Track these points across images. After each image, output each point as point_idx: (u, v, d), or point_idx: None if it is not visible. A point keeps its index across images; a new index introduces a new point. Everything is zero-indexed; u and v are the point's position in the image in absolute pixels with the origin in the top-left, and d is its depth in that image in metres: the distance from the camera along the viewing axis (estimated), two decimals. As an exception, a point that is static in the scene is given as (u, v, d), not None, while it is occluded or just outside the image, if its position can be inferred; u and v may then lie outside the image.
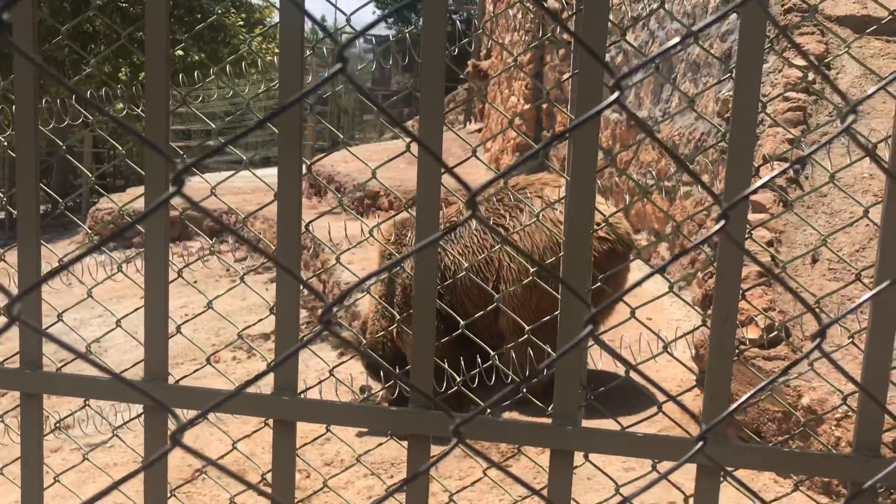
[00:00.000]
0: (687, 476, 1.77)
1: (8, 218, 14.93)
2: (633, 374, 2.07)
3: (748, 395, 0.89)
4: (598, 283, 2.08)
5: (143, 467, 0.86)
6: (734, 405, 0.79)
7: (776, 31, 3.07)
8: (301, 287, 1.91)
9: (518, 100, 8.99)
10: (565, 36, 8.06)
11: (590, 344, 1.86)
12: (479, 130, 11.23)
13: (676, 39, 0.68)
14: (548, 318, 2.12)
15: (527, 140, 5.43)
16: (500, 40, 10.00)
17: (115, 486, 0.85)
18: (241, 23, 14.45)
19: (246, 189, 10.82)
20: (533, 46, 8.36)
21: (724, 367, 1.72)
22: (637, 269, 5.94)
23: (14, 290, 1.89)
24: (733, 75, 1.71)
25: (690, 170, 0.71)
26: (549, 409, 1.82)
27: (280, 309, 1.90)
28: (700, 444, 0.71)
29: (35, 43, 1.91)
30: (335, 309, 0.66)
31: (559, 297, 1.87)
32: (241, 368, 6.44)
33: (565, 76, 7.98)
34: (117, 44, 2.08)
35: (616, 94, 0.68)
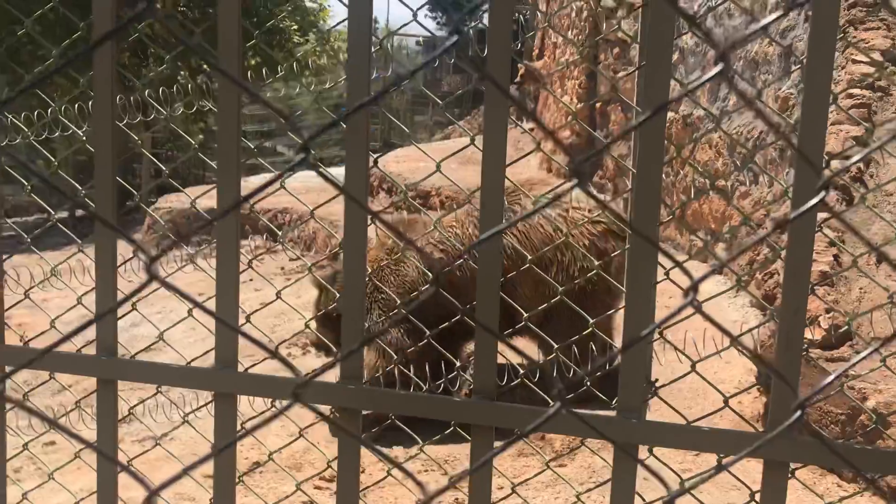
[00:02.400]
0: (750, 478, 1.76)
1: (71, 217, 15.37)
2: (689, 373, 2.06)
3: (825, 381, 0.89)
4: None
5: (214, 453, 0.90)
6: (818, 387, 0.79)
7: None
8: (368, 282, 1.95)
9: (571, 99, 8.95)
10: (620, 35, 8.00)
11: (655, 338, 1.86)
12: (532, 130, 11.21)
13: (754, 28, 0.69)
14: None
15: (591, 132, 5.41)
16: (553, 40, 9.96)
17: (187, 471, 0.88)
18: (296, 27, 14.66)
19: (300, 189, 10.99)
20: (586, 46, 8.32)
21: (793, 361, 1.70)
22: (694, 270, 5.86)
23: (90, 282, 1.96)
24: (802, 70, 1.70)
25: (790, 142, 0.72)
26: (613, 402, 1.83)
27: (346, 302, 1.94)
28: (798, 413, 0.72)
29: (114, 52, 1.98)
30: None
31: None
32: (296, 364, 6.55)
33: (620, 74, 7.93)
34: (179, 49, 2.15)
35: (720, 66, 0.69)
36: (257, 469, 3.87)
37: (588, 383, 1.82)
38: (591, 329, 2.00)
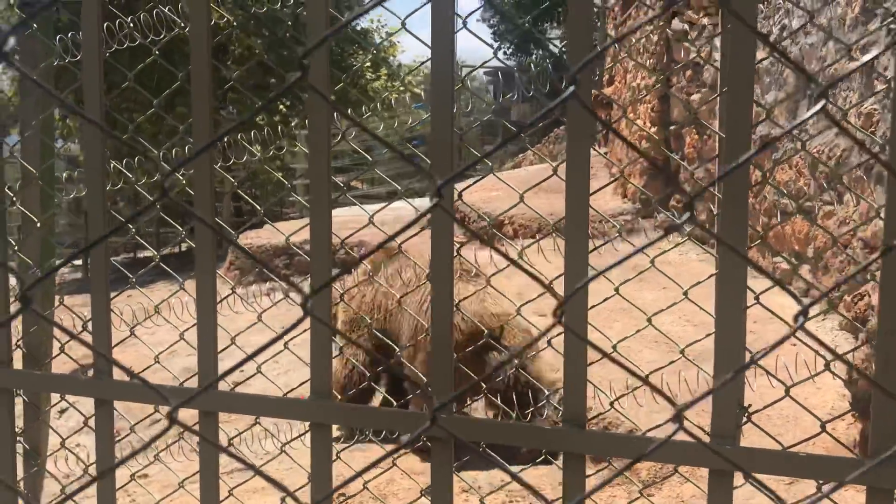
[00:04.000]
0: None
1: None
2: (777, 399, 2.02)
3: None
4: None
5: (309, 481, 0.94)
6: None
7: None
8: (455, 309, 1.99)
9: (644, 123, 8.90)
10: (692, 58, 7.93)
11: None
12: (606, 153, 11.16)
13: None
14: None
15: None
16: (624, 65, 9.94)
17: (291, 494, 0.93)
18: (368, 63, 15.01)
19: (378, 222, 11.14)
20: (659, 71, 8.27)
21: (892, 383, 1.67)
22: (778, 293, 5.72)
23: (190, 318, 2.06)
24: (892, 87, 1.68)
25: (880, 160, 0.73)
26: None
27: (435, 332, 1.98)
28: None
29: (211, 99, 2.09)
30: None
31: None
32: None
33: (693, 96, 7.85)
34: (275, 94, 2.24)
35: (822, 102, 0.71)
36: (345, 500, 3.93)
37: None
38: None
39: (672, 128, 8.20)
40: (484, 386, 3.03)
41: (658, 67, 7.97)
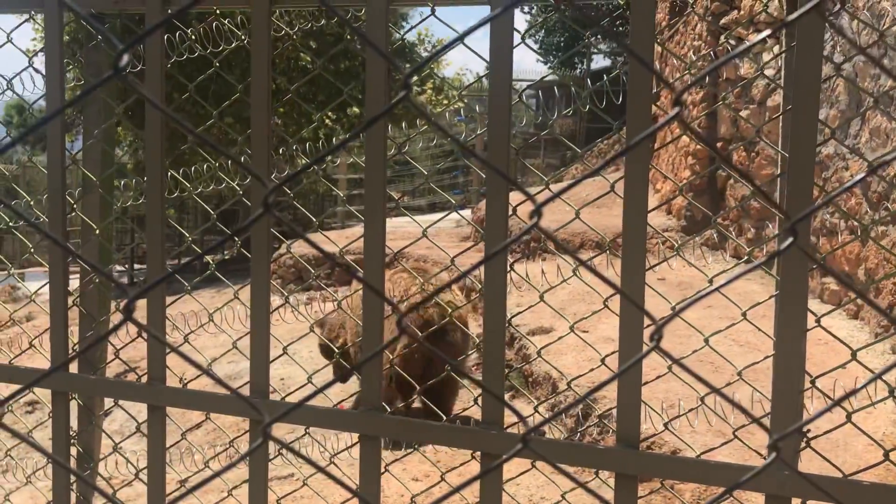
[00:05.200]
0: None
1: (199, 261, 16.16)
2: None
3: None
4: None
5: (358, 492, 0.94)
6: None
7: None
8: (507, 325, 1.98)
9: (690, 138, 8.81)
10: (741, 73, 7.84)
11: (806, 387, 1.80)
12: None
13: None
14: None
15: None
16: (670, 79, 9.85)
17: (357, 494, 0.93)
18: (415, 78, 15.13)
19: (416, 234, 11.19)
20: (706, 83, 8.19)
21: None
22: (831, 319, 5.61)
23: (243, 326, 2.07)
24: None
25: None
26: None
27: (487, 347, 1.97)
28: None
29: (270, 111, 2.11)
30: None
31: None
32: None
33: (742, 112, 7.75)
34: (336, 102, 2.28)
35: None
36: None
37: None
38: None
39: (719, 144, 8.11)
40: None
41: (706, 84, 7.89)
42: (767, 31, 0.69)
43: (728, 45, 7.65)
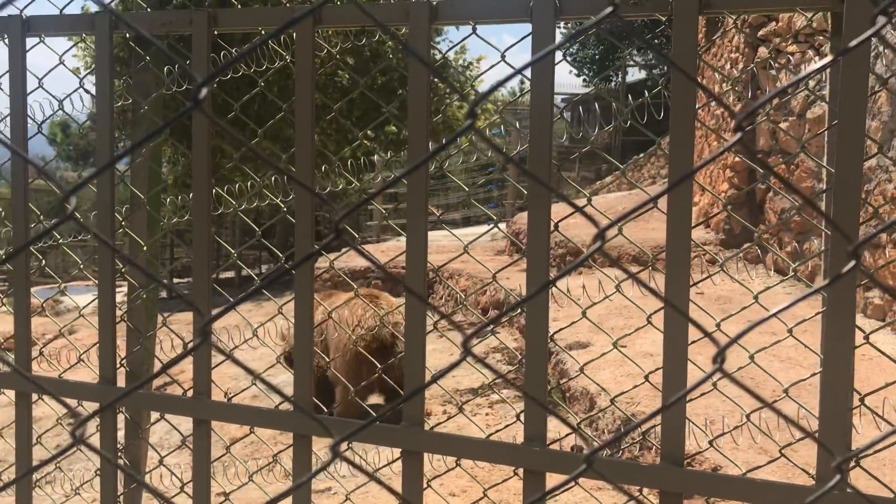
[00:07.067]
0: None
1: (237, 276, 16.40)
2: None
3: None
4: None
5: None
6: None
7: None
8: (549, 341, 1.98)
9: (728, 151, 8.73)
10: (779, 84, 7.75)
11: (855, 405, 1.78)
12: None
13: None
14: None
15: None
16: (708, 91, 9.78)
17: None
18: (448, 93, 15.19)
19: (450, 248, 11.23)
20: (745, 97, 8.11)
21: None
22: (876, 335, 5.51)
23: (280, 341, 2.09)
24: None
25: None
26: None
27: (529, 363, 1.97)
28: None
29: (313, 125, 2.15)
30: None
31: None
32: (451, 423, 6.62)
33: (781, 124, 7.66)
34: (380, 119, 2.30)
35: None
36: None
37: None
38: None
39: (759, 156, 8.02)
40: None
41: (744, 96, 7.82)
42: (828, 59, 0.69)
43: (770, 61, 7.59)
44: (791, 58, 7.58)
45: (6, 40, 2.42)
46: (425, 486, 2.09)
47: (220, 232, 18.53)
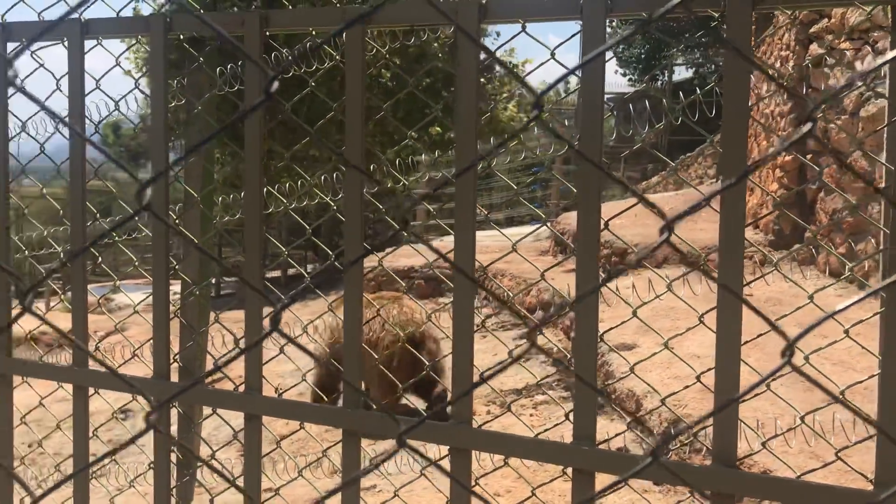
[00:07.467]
0: None
1: (283, 275, 16.60)
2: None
3: None
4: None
5: None
6: None
7: None
8: (599, 340, 1.97)
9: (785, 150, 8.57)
10: (831, 83, 7.60)
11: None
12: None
13: None
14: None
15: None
16: (756, 90, 9.63)
17: None
18: (506, 94, 15.23)
19: (493, 248, 11.23)
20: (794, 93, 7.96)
21: None
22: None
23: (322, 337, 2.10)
24: None
25: None
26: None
27: (578, 362, 1.96)
28: None
29: (363, 125, 2.16)
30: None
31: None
32: (496, 423, 6.62)
33: (832, 124, 7.50)
34: (427, 119, 2.31)
35: None
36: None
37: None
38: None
39: (808, 156, 7.87)
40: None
41: (798, 93, 7.67)
42: (893, 54, 0.67)
43: (826, 56, 7.44)
44: (847, 54, 7.42)
45: (65, 43, 2.48)
46: (473, 484, 2.10)
47: (268, 231, 18.76)
